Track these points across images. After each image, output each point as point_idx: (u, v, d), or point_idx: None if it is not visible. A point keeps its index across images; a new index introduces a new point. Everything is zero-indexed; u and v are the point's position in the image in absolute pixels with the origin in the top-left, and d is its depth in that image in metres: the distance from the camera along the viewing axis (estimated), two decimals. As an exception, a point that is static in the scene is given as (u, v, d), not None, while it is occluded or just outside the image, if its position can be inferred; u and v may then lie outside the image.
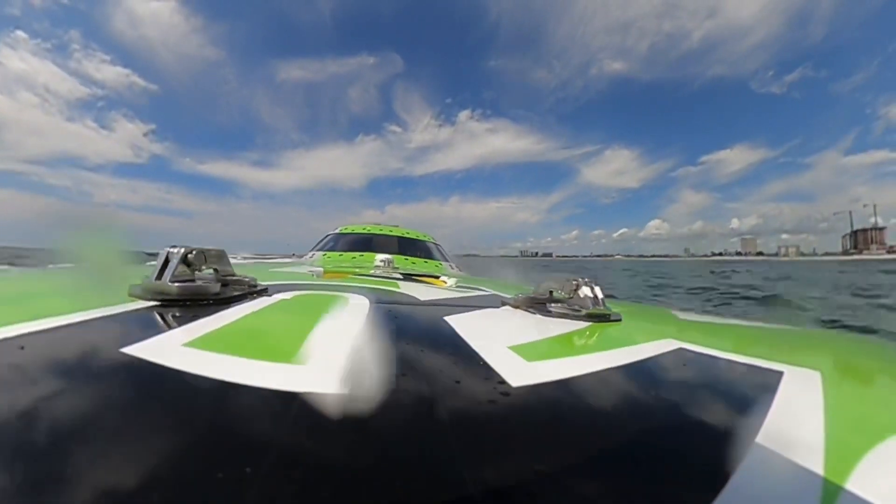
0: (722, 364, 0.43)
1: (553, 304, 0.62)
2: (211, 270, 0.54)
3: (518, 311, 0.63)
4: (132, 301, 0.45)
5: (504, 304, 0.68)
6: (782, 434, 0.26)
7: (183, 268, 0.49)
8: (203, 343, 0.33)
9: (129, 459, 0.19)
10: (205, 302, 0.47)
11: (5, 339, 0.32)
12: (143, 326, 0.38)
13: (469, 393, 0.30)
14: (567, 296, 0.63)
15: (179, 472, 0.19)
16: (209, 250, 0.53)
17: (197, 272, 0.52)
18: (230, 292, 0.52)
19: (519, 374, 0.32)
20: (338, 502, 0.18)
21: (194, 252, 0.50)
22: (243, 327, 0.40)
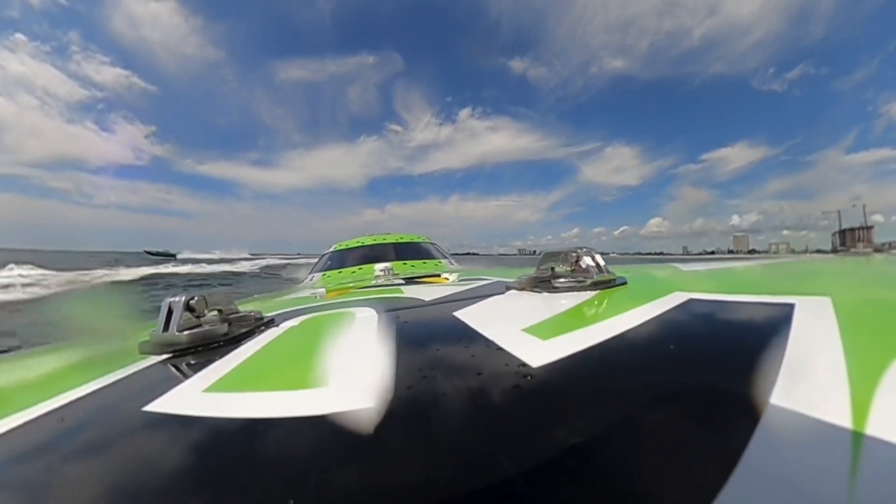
0: (733, 307, 0.44)
1: (557, 280, 0.61)
2: (215, 312, 0.54)
3: (524, 292, 0.63)
4: (144, 358, 0.45)
5: (509, 288, 0.67)
6: (803, 362, 0.27)
7: (187, 315, 0.49)
8: (222, 385, 0.33)
9: None
10: (215, 345, 0.47)
11: (46, 414, 0.32)
12: (161, 381, 0.38)
13: (493, 382, 0.29)
14: (569, 269, 0.63)
15: None
16: (210, 293, 0.53)
17: (201, 316, 0.51)
18: (238, 330, 0.52)
19: (538, 354, 0.32)
20: None
21: (195, 298, 0.50)
22: (258, 362, 0.40)
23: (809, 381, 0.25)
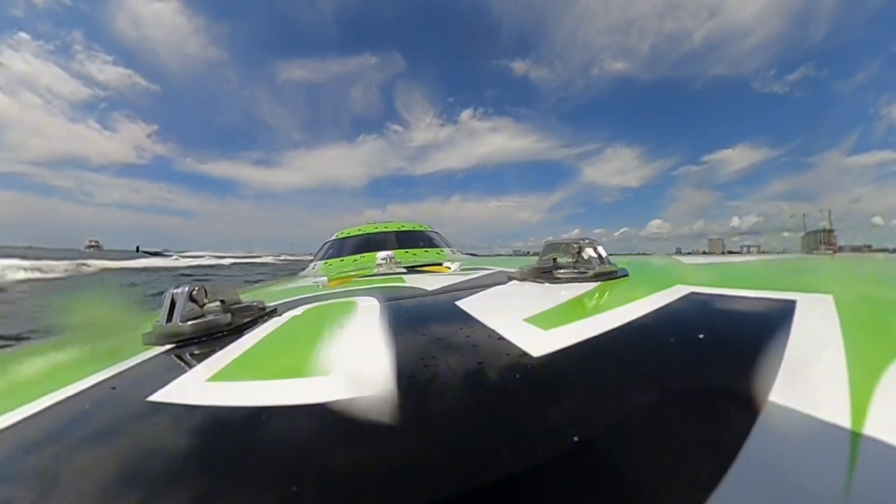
0: (734, 301, 0.42)
1: (559, 270, 0.59)
2: (217, 302, 0.52)
3: (526, 283, 0.61)
4: (148, 348, 0.44)
5: (511, 278, 0.66)
6: (804, 359, 0.26)
7: (191, 305, 0.48)
8: (226, 375, 0.33)
9: (181, 502, 0.19)
10: (219, 334, 0.46)
11: (52, 406, 0.32)
12: (164, 371, 0.37)
13: (495, 371, 0.29)
14: (572, 259, 0.61)
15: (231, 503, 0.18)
16: (212, 284, 0.51)
17: (204, 306, 0.50)
18: (241, 320, 0.51)
19: (539, 343, 0.32)
20: (392, 501, 0.17)
21: (197, 289, 0.49)
22: (261, 351, 0.39)
23: (809, 378, 0.24)
